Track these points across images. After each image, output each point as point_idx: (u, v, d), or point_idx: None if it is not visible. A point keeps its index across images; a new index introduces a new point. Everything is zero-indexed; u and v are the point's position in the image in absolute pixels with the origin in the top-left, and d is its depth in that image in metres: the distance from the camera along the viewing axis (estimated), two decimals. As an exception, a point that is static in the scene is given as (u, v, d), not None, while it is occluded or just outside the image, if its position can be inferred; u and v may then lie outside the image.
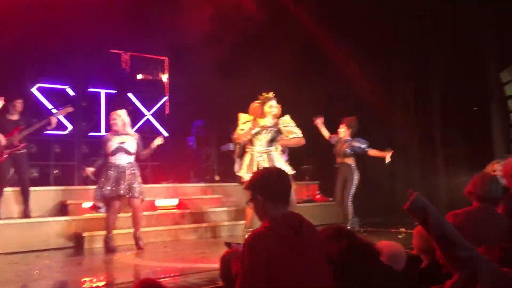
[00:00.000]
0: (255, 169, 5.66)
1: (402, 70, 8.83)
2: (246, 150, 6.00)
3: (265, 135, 5.90)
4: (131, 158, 5.83)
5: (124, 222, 6.12)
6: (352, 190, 6.79)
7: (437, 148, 8.27)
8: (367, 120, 8.79)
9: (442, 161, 8.22)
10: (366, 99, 8.65)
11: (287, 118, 6.00)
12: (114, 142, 5.75)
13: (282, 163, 5.97)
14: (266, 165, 5.69)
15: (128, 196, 5.64)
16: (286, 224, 2.22)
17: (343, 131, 6.97)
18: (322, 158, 8.52)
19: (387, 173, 8.34)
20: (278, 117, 5.98)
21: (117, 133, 5.83)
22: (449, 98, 8.23)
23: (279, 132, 5.96)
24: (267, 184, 2.36)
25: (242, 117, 5.96)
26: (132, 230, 5.83)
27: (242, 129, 5.87)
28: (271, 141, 5.95)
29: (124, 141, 5.79)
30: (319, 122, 7.10)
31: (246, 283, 2.12)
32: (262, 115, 5.86)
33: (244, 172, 5.88)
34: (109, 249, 5.60)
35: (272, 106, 5.85)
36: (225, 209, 7.59)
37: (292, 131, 5.99)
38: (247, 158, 5.95)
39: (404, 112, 8.78)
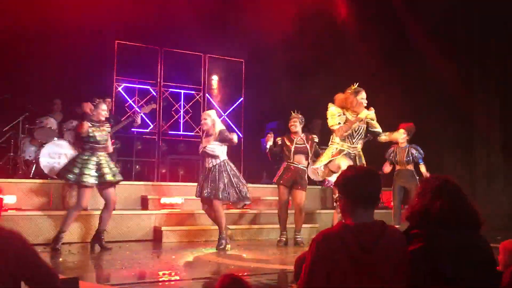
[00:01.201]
0: (341, 164, 5.48)
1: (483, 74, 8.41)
2: (332, 143, 5.76)
3: (359, 131, 5.68)
4: (217, 160, 5.80)
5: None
6: None
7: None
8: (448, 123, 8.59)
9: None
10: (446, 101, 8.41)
11: (372, 113, 5.74)
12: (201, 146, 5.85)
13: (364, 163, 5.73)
14: (356, 163, 5.53)
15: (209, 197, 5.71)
16: (356, 237, 2.06)
17: (404, 137, 6.74)
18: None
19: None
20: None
21: (207, 134, 5.83)
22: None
23: (368, 126, 5.77)
24: (350, 184, 2.21)
25: (335, 108, 5.68)
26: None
27: (339, 123, 5.60)
28: (363, 138, 5.74)
29: (205, 146, 5.81)
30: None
31: (306, 282, 2.06)
32: (356, 106, 5.61)
33: (323, 162, 5.68)
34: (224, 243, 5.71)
35: (363, 98, 5.63)
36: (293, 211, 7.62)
37: (376, 127, 5.80)
38: (331, 150, 5.68)
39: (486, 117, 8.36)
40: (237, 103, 10.39)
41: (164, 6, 8.99)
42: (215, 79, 10.32)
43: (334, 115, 5.62)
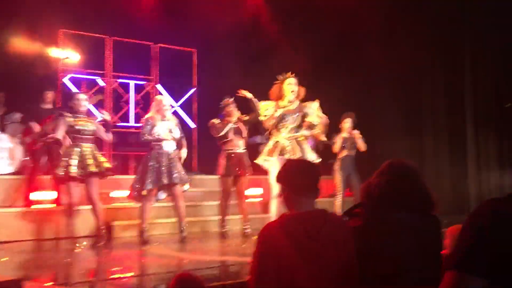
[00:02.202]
0: (276, 155, 5.46)
1: (433, 62, 8.58)
2: (270, 136, 5.73)
3: (292, 120, 5.58)
4: (175, 145, 5.79)
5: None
6: None
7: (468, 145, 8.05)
8: (396, 114, 8.74)
9: (473, 158, 8.03)
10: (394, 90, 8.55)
11: (315, 105, 5.69)
12: (162, 128, 5.65)
13: (309, 150, 5.69)
14: (295, 152, 5.47)
15: (173, 184, 5.61)
16: (301, 225, 2.10)
17: (348, 124, 7.21)
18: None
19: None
20: (303, 101, 5.71)
21: (163, 119, 5.71)
22: (480, 94, 8.00)
23: (304, 116, 5.68)
24: (291, 176, 2.27)
25: (264, 104, 5.69)
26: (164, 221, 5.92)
27: (265, 115, 5.60)
28: (298, 127, 5.65)
29: (171, 128, 5.72)
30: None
31: (256, 276, 2.06)
32: (281, 95, 5.57)
33: (263, 157, 5.60)
34: (144, 240, 5.59)
35: (291, 84, 5.53)
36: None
37: (314, 122, 5.68)
38: (270, 143, 5.65)
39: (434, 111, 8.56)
40: (189, 93, 10.22)
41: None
42: (165, 69, 10.10)
43: (262, 110, 5.63)
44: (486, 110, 7.81)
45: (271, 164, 5.50)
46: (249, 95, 5.87)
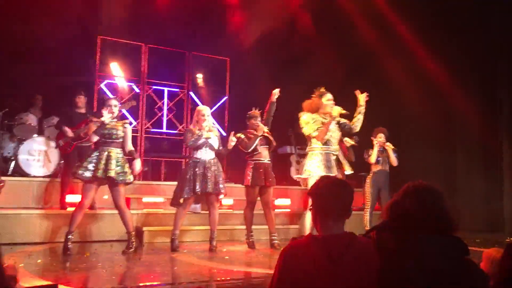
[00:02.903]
0: (335, 169, 5.45)
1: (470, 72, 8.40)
2: (313, 149, 5.60)
3: (336, 131, 5.57)
4: (214, 154, 5.84)
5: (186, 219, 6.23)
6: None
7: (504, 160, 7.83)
8: (428, 129, 8.60)
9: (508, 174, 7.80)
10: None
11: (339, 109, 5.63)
12: (201, 137, 5.69)
13: (346, 163, 5.69)
14: (339, 167, 5.50)
15: (213, 192, 5.68)
16: (324, 249, 2.08)
17: (382, 138, 7.18)
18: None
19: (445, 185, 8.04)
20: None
21: (203, 129, 5.75)
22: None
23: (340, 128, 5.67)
24: (321, 198, 2.23)
25: (306, 116, 5.56)
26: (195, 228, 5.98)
27: (318, 128, 5.45)
28: (340, 138, 5.65)
29: (209, 137, 5.77)
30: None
31: None
32: (321, 108, 5.53)
33: (309, 172, 5.45)
34: (174, 247, 5.66)
35: (330, 99, 5.54)
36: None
37: (345, 121, 5.67)
38: (318, 157, 5.49)
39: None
40: (222, 101, 10.32)
41: (148, 2, 8.88)
42: (199, 77, 10.23)
43: (308, 122, 5.53)
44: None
45: (315, 178, 5.32)
46: (275, 96, 6.04)
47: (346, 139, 7.29)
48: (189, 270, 4.63)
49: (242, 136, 6.17)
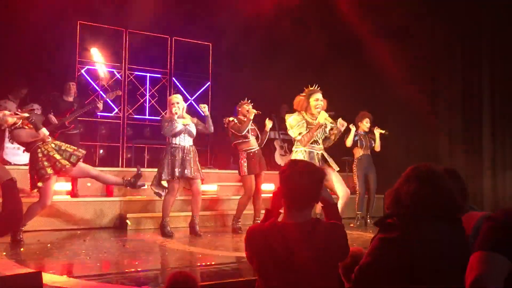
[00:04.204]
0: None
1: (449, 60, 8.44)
2: (297, 146, 5.56)
3: (321, 133, 5.55)
4: (192, 141, 5.88)
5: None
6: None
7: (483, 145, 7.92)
8: (409, 116, 8.67)
9: (488, 158, 7.90)
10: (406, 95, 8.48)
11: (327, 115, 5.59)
12: (179, 124, 5.71)
13: (332, 162, 5.66)
14: (322, 162, 5.51)
15: (191, 177, 5.70)
16: (282, 237, 2.06)
17: (368, 123, 7.35)
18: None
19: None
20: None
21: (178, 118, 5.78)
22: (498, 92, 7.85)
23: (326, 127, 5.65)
24: (285, 183, 2.16)
25: (293, 118, 5.51)
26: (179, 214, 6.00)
27: (301, 133, 5.42)
28: (325, 139, 5.64)
29: (188, 124, 5.80)
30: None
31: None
32: (307, 109, 5.50)
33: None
34: (166, 233, 5.65)
35: (318, 100, 5.49)
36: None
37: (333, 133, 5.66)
38: (302, 154, 5.46)
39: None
40: (204, 87, 10.26)
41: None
42: (181, 62, 10.15)
43: (293, 126, 5.48)
44: (504, 109, 7.67)
45: None
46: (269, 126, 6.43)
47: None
48: (173, 256, 4.64)
49: (235, 120, 6.19)
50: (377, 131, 7.36)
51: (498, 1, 7.56)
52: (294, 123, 5.48)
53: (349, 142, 7.15)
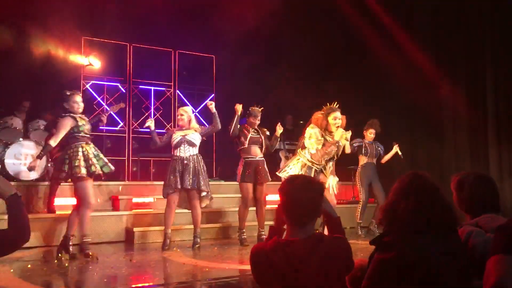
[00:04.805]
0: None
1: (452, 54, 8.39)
2: (302, 156, 5.69)
3: (331, 149, 5.63)
4: (195, 150, 5.90)
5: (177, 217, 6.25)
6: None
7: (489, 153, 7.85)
8: (414, 125, 8.65)
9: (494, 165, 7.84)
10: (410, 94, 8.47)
11: (348, 135, 5.74)
12: (177, 135, 5.84)
13: (334, 179, 5.75)
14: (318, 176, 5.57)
15: (192, 189, 5.73)
16: (286, 255, 2.03)
17: (372, 134, 7.37)
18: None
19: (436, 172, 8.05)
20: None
21: (181, 128, 5.94)
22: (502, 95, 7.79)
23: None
24: (286, 199, 2.13)
25: (315, 132, 5.59)
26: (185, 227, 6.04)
27: (318, 148, 5.53)
28: (333, 158, 5.73)
29: (186, 134, 5.86)
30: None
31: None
32: (327, 126, 5.60)
33: (287, 174, 5.59)
34: (165, 246, 5.71)
35: (337, 118, 5.58)
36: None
37: (346, 149, 5.86)
38: (299, 164, 5.63)
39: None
40: (209, 99, 10.28)
41: (132, 0, 8.80)
42: (185, 75, 10.19)
43: (313, 137, 5.55)
44: (509, 116, 7.62)
45: None
46: (279, 131, 6.35)
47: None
48: (181, 270, 4.62)
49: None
50: (396, 148, 7.42)
51: (502, 12, 7.55)
52: (314, 136, 5.56)
53: (347, 149, 7.10)
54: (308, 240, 2.07)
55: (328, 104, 5.70)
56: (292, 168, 5.71)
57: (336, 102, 5.70)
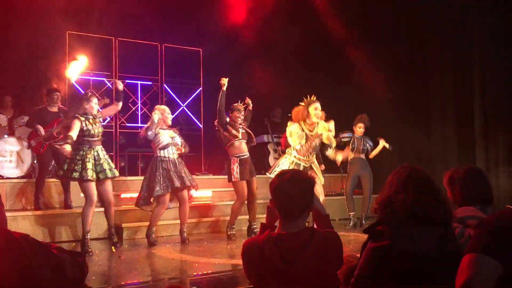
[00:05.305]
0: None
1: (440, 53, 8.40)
2: (289, 153, 5.82)
3: (315, 143, 5.77)
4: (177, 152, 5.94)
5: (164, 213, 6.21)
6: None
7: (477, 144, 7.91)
8: (401, 113, 8.67)
9: (482, 152, 7.88)
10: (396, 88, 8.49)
11: (331, 125, 5.82)
12: (165, 136, 5.81)
13: (320, 173, 5.88)
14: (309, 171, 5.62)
15: (182, 186, 5.76)
16: (278, 248, 2.04)
17: (362, 128, 7.37)
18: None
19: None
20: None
21: (164, 127, 5.92)
22: (490, 91, 7.85)
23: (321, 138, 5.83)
24: (277, 194, 2.15)
25: (294, 128, 5.73)
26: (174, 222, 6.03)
27: (301, 143, 5.68)
28: (317, 150, 5.85)
29: (174, 136, 5.89)
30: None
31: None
32: (307, 117, 5.72)
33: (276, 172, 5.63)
34: (151, 242, 5.71)
35: (317, 109, 5.71)
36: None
37: (331, 141, 5.87)
38: (287, 162, 5.77)
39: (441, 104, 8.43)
40: (196, 93, 10.23)
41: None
42: (172, 69, 10.11)
43: (293, 134, 5.69)
44: (495, 110, 7.66)
45: None
46: (250, 105, 6.37)
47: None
48: (170, 265, 4.60)
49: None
50: (382, 143, 7.48)
51: (490, 5, 7.57)
52: (295, 132, 5.69)
53: (333, 142, 7.09)
54: (301, 234, 2.09)
55: (308, 96, 5.83)
56: (281, 166, 5.78)
57: (314, 96, 5.82)
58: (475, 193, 2.55)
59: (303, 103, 5.80)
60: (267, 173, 6.01)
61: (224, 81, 6.20)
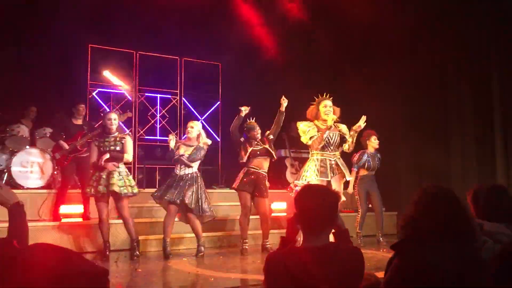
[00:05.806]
0: (330, 174, 5.51)
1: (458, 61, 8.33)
2: (312, 154, 5.69)
3: (334, 138, 5.65)
4: (193, 169, 5.98)
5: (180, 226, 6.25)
6: None
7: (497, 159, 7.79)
8: (418, 129, 8.60)
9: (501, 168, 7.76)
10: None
11: (344, 127, 5.79)
12: (180, 151, 5.92)
13: (345, 169, 5.75)
14: (335, 173, 5.58)
15: (184, 204, 5.81)
16: (302, 263, 2.01)
17: (376, 140, 7.27)
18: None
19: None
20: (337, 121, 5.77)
21: (186, 142, 6.02)
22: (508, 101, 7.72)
23: (342, 136, 5.75)
24: (302, 209, 2.14)
25: (303, 125, 5.68)
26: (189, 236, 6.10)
27: (312, 136, 5.55)
28: (338, 147, 5.73)
29: (188, 153, 5.93)
30: None
31: None
32: (318, 116, 5.66)
33: (313, 176, 5.48)
34: (165, 255, 5.75)
35: (327, 106, 5.63)
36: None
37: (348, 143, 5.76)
38: (314, 162, 5.60)
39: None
40: (214, 106, 10.30)
41: (137, 8, 8.84)
42: (191, 82, 10.20)
43: (304, 131, 5.64)
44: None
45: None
46: (284, 105, 6.22)
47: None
48: (186, 279, 4.61)
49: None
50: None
51: (506, 21, 7.52)
52: (305, 128, 5.64)
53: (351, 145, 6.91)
54: (325, 248, 2.09)
55: (319, 95, 5.79)
56: (307, 170, 5.63)
57: (326, 93, 5.78)
58: (499, 209, 2.56)
59: (313, 102, 5.77)
60: (295, 181, 5.87)
61: (244, 109, 6.24)
